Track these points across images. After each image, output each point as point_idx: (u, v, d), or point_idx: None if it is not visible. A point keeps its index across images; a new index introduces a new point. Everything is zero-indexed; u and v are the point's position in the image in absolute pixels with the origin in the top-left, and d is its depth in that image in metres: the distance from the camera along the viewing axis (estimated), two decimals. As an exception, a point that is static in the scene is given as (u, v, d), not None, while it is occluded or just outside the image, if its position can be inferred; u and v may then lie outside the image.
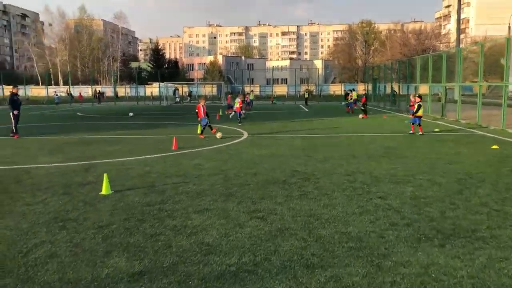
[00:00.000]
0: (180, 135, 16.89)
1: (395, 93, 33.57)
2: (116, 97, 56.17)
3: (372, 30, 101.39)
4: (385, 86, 37.82)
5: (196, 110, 16.44)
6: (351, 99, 31.19)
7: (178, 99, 49.70)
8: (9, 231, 5.67)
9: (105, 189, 7.68)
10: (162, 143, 14.39)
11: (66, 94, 57.28)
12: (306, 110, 34.94)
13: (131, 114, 28.55)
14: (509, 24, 61.82)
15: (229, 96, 34.00)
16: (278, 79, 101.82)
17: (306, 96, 44.66)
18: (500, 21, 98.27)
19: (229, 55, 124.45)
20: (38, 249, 5.01)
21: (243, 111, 27.75)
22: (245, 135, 16.76)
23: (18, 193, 7.69)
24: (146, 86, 68.67)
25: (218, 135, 15.68)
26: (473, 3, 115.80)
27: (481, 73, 19.41)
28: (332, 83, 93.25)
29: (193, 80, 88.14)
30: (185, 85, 59.21)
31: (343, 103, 36.61)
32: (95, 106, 46.56)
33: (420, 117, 16.37)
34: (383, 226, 5.83)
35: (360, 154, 11.82)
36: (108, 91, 70.55)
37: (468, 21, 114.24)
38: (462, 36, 66.25)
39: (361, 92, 42.59)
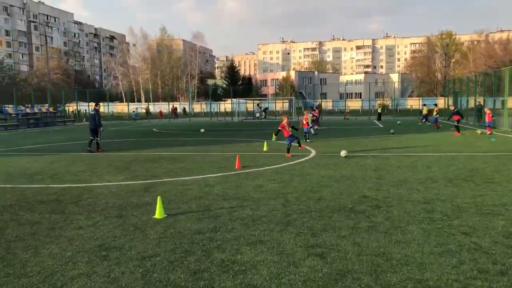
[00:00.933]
0: (246, 152, 16.49)
1: (480, 107, 30.76)
2: (185, 113, 57.50)
3: (453, 41, 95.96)
4: (467, 100, 35.03)
5: (279, 128, 15.82)
6: (437, 113, 29.34)
7: (258, 115, 49.93)
8: (52, 259, 5.41)
9: (158, 213, 7.33)
10: (226, 161, 14.04)
11: (144, 111, 60.01)
12: (380, 126, 33.25)
13: (202, 130, 28.88)
14: None
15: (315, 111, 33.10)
16: (352, 93, 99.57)
17: (380, 111, 42.60)
18: None
19: (302, 70, 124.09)
20: (73, 284, 4.65)
21: (316, 127, 26.97)
22: (313, 153, 15.96)
23: (74, 214, 7.57)
24: (220, 102, 70.21)
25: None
26: None
27: None
28: (409, 97, 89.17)
29: (265, 95, 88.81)
30: (257, 101, 59.51)
31: (423, 119, 34.43)
32: (171, 122, 48.16)
33: None
34: (469, 273, 4.80)
35: (440, 177, 10.56)
36: (185, 107, 72.93)
37: None
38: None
39: (444, 107, 39.80)
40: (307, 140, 19.88)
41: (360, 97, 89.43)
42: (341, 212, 7.49)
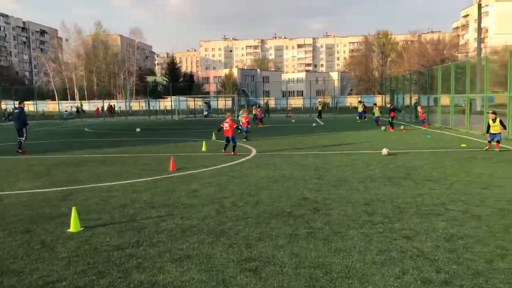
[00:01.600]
0: (184, 153, 15.70)
1: (417, 105, 31.31)
2: (114, 112, 54.65)
3: (389, 41, 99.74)
4: (403, 98, 36.17)
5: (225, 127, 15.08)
6: (380, 112, 29.84)
7: (206, 113, 49.04)
8: None
9: (73, 226, 6.43)
10: (160, 163, 13.16)
11: (77, 109, 56.92)
12: (321, 123, 33.50)
13: (138, 129, 27.55)
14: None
15: (258, 109, 32.57)
16: (293, 91, 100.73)
17: (320, 108, 43.06)
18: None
19: (245, 68, 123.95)
20: None
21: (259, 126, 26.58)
22: (253, 152, 15.44)
23: (-28, 231, 6.49)
24: (160, 100, 68.26)
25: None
26: (491, 13, 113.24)
27: (510, 83, 17.76)
28: (348, 95, 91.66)
29: (208, 93, 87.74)
30: (198, 99, 58.42)
31: (361, 117, 35.01)
32: (107, 121, 45.94)
33: (499, 133, 14.25)
34: (413, 284, 4.42)
35: (379, 175, 10.38)
36: (123, 105, 70.15)
37: (486, 30, 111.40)
38: (481, 45, 64.01)
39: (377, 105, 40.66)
40: (244, 139, 19.34)
41: (302, 95, 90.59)
42: (279, 217, 6.97)
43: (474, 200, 7.75)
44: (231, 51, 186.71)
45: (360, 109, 35.58)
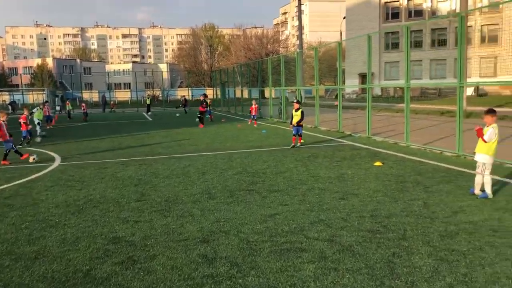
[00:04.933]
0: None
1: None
2: None
3: (216, 34, 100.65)
4: (234, 90, 35.48)
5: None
6: (209, 105, 27.60)
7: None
8: None
9: None
10: None
11: None
12: (150, 119, 30.52)
13: None
14: (340, 30, 66.50)
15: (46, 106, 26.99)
16: (120, 83, 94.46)
17: (149, 102, 39.69)
18: (331, 28, 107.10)
19: (62, 58, 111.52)
20: None
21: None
22: (56, 162, 11.95)
23: None
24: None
25: (31, 158, 11.97)
26: (306, 11, 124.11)
27: (340, 75, 17.76)
28: (179, 87, 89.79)
29: (17, 86, 75.87)
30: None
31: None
32: None
33: (301, 126, 13.75)
34: None
35: (218, 188, 8.31)
36: None
37: (303, 27, 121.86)
38: (299, 41, 68.51)
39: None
40: (19, 146, 14.75)
41: (129, 88, 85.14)
42: (67, 287, 4.24)
43: (336, 219, 6.19)
44: (45, 39, 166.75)
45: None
